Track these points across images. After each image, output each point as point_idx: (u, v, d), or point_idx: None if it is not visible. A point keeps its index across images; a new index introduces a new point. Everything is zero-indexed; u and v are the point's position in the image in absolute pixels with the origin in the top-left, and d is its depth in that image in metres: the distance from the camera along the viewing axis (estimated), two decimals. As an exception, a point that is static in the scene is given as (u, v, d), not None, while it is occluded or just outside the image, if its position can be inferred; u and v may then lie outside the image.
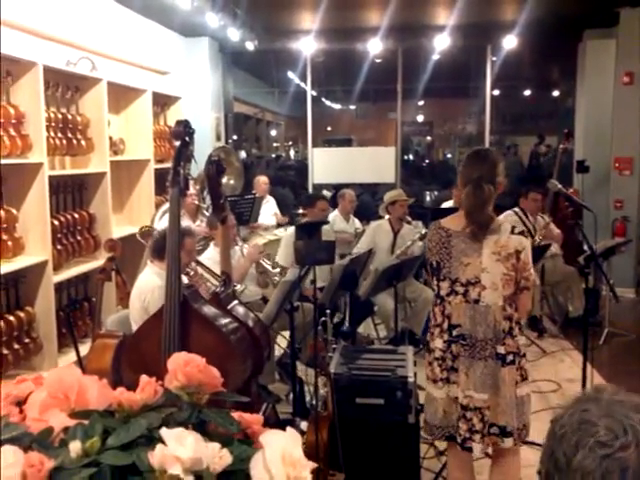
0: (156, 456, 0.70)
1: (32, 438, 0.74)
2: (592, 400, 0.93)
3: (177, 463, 0.69)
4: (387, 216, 5.34)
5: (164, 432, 0.72)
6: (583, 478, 0.87)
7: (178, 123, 2.39)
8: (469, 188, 2.41)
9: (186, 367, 0.85)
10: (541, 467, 0.95)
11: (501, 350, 2.41)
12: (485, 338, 2.41)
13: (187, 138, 2.37)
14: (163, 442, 0.71)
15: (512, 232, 2.43)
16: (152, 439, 0.74)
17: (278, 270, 4.05)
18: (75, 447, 0.71)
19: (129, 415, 0.78)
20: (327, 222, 4.61)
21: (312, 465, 0.76)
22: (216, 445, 0.74)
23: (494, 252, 2.40)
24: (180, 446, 0.70)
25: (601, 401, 0.92)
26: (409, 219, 5.57)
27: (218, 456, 0.73)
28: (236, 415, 0.87)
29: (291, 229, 5.18)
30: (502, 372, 2.41)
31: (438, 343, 2.48)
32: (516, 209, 5.42)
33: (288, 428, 0.79)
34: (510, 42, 7.28)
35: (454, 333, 2.44)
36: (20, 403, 0.85)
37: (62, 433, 0.76)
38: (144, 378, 0.84)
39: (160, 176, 5.47)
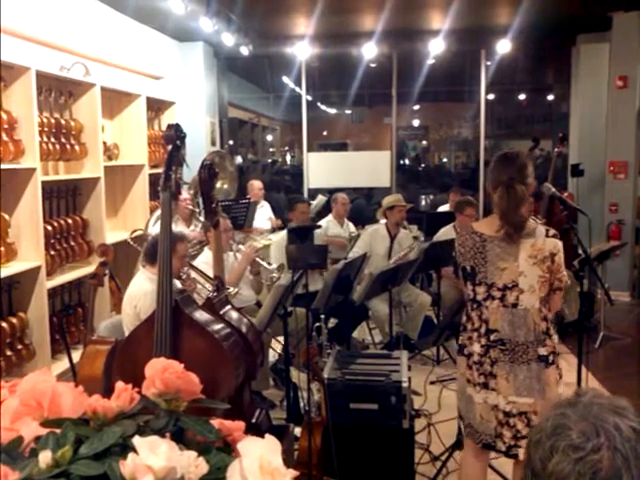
0: (127, 466, 0.68)
1: (1, 448, 0.72)
2: (570, 404, 0.93)
3: (149, 473, 0.67)
4: (383, 220, 5.33)
5: (136, 440, 0.70)
6: None
7: (169, 127, 2.38)
8: (501, 190, 2.41)
9: (164, 373, 0.84)
10: (523, 476, 0.95)
11: (543, 352, 2.42)
12: (526, 341, 2.41)
13: (178, 142, 2.36)
14: (136, 451, 0.69)
15: (547, 235, 2.44)
16: (126, 448, 0.73)
17: (275, 266, 4.03)
18: (45, 457, 0.69)
19: (104, 423, 0.77)
20: (319, 226, 4.61)
21: (292, 473, 0.75)
22: (192, 453, 0.73)
23: (531, 255, 2.40)
24: (152, 455, 0.68)
25: (578, 405, 0.92)
26: (405, 224, 5.57)
27: (194, 465, 0.72)
28: (216, 422, 0.85)
29: (281, 233, 5.19)
30: (547, 374, 2.42)
31: (476, 347, 2.47)
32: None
33: (267, 435, 0.78)
34: (504, 46, 7.30)
35: (492, 338, 2.44)
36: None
37: (34, 442, 0.74)
38: (120, 385, 0.82)
39: (154, 181, 5.45)
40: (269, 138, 14.50)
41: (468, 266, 2.48)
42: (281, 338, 4.17)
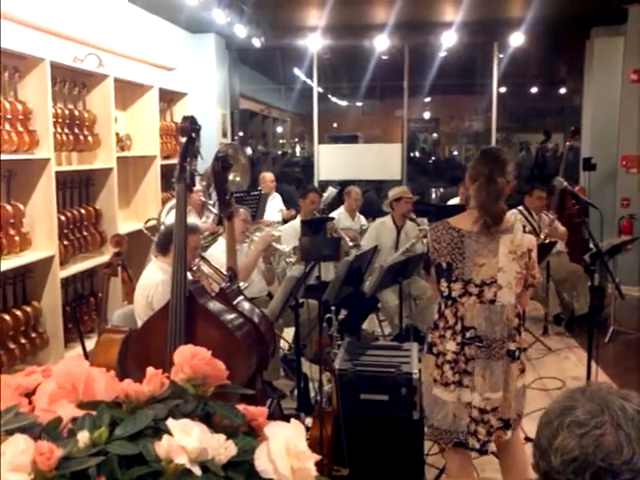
0: (162, 446, 0.71)
1: (41, 428, 0.75)
2: (579, 391, 0.96)
3: (183, 453, 0.70)
4: (388, 210, 5.35)
5: (170, 423, 0.73)
6: (563, 456, 0.90)
7: (184, 119, 2.40)
8: (481, 181, 2.39)
9: (192, 359, 0.86)
10: (532, 458, 0.98)
11: (512, 347, 2.44)
12: (502, 337, 2.41)
13: (193, 134, 2.38)
14: (169, 433, 0.72)
15: (524, 231, 2.47)
16: (158, 430, 0.76)
17: (290, 249, 4.05)
18: (83, 437, 0.72)
19: (136, 406, 0.80)
20: (332, 218, 4.63)
21: (316, 457, 0.77)
22: (221, 436, 0.76)
23: (510, 251, 2.39)
24: (186, 436, 0.71)
25: (587, 391, 0.95)
26: (413, 216, 5.56)
27: (223, 447, 0.75)
28: (241, 407, 0.88)
29: (290, 224, 5.22)
30: (511, 368, 2.44)
31: (450, 346, 2.43)
32: (520, 207, 5.40)
33: (292, 420, 0.80)
34: (517, 39, 7.26)
35: (467, 335, 2.41)
36: (29, 394, 0.86)
37: (70, 423, 0.77)
38: (150, 370, 0.85)
39: (166, 172, 5.48)
40: (279, 130, 14.50)
41: (444, 262, 2.43)
42: (291, 329, 4.20)
